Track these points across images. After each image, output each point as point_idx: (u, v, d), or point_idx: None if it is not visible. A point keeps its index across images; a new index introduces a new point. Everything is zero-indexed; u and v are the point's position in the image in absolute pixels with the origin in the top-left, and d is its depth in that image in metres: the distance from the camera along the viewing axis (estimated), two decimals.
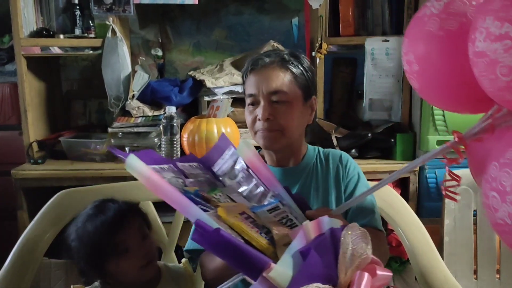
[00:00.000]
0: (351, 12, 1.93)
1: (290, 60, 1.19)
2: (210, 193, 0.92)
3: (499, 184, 0.73)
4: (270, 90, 1.16)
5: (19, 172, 1.74)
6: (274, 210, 0.93)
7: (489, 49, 0.69)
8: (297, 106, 1.19)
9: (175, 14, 2.20)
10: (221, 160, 0.96)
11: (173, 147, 1.74)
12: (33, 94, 1.92)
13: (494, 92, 0.73)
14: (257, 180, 0.99)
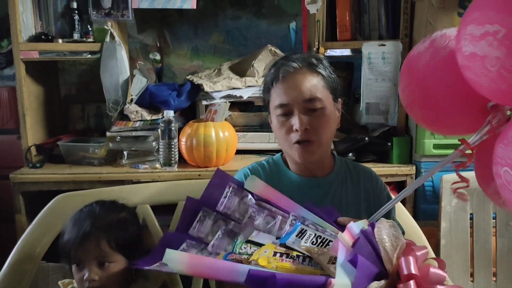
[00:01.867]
0: (348, 17, 1.94)
1: (317, 63, 1.13)
2: (236, 248, 0.98)
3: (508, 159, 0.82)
4: (305, 97, 1.10)
5: (18, 176, 1.74)
6: (301, 233, 0.98)
7: (476, 49, 0.80)
8: (331, 111, 1.14)
9: (173, 18, 2.21)
10: (223, 199, 1.07)
11: (171, 151, 1.75)
12: (32, 98, 1.92)
13: (489, 87, 0.82)
14: (272, 208, 1.05)
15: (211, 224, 1.07)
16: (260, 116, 1.96)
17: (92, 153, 1.85)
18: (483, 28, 0.79)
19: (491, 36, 0.78)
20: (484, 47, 0.79)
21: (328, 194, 1.19)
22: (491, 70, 0.80)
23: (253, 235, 1.01)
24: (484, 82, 0.83)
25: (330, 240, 0.97)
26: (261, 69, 1.97)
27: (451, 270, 1.70)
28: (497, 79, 0.80)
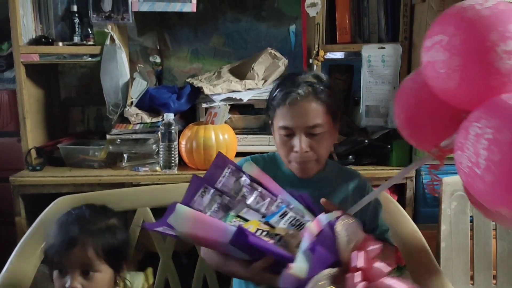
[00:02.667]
0: (347, 20, 1.95)
1: (320, 89, 1.21)
2: (227, 221, 1.12)
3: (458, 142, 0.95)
4: (309, 125, 1.19)
5: (18, 178, 1.74)
6: (284, 215, 1.13)
7: (428, 57, 0.98)
8: (330, 133, 1.24)
9: (173, 21, 2.21)
10: (222, 178, 1.22)
11: (171, 153, 1.75)
12: (32, 101, 1.92)
13: (443, 86, 0.98)
14: (263, 191, 1.19)
15: (210, 199, 1.19)
16: (260, 119, 1.97)
17: (92, 156, 1.85)
18: (432, 40, 0.96)
19: (437, 44, 0.95)
20: (433, 54, 0.96)
21: (316, 192, 1.25)
22: (440, 72, 0.96)
23: (244, 211, 1.15)
24: (438, 84, 0.99)
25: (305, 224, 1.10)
26: (261, 72, 1.97)
27: (451, 272, 1.70)
28: (447, 79, 0.95)
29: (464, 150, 0.94)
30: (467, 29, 0.93)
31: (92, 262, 1.07)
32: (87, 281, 1.06)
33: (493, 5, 0.95)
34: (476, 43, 0.92)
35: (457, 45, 0.93)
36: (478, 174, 0.91)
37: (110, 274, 1.11)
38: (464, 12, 0.94)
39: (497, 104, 0.93)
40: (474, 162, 0.91)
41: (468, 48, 0.92)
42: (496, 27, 0.91)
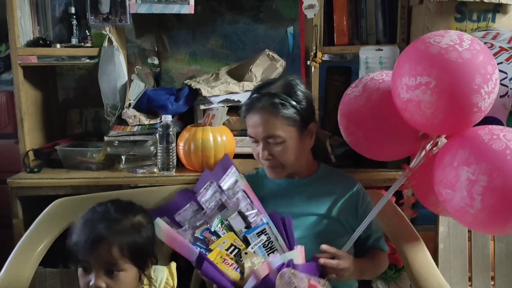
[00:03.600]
0: (345, 22, 1.94)
1: (279, 103, 1.28)
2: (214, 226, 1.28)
3: (446, 181, 1.07)
4: (264, 135, 1.30)
5: (15, 180, 1.73)
6: (261, 232, 1.25)
7: (412, 96, 1.07)
8: (293, 142, 1.32)
9: (171, 23, 2.21)
10: (226, 176, 1.43)
11: (169, 155, 1.75)
12: (30, 103, 1.92)
13: (424, 122, 1.09)
14: (251, 201, 1.32)
15: (211, 194, 1.39)
16: None
17: (90, 157, 1.85)
18: (416, 80, 1.05)
19: (424, 86, 1.04)
20: (419, 95, 1.05)
21: (302, 193, 1.39)
22: (426, 112, 1.06)
23: (232, 216, 1.29)
24: (419, 119, 1.10)
25: (276, 250, 1.23)
26: (259, 73, 1.97)
27: (449, 274, 1.71)
28: (431, 118, 1.07)
29: (455, 190, 1.05)
30: (455, 74, 1.01)
31: (116, 261, 1.06)
32: (111, 280, 1.06)
33: (470, 45, 1.04)
34: (464, 88, 1.02)
35: (445, 88, 1.02)
36: (471, 213, 1.03)
37: (134, 272, 1.11)
38: (447, 54, 1.02)
39: (483, 147, 1.04)
40: (468, 204, 1.02)
41: (456, 91, 1.02)
42: (480, 70, 1.02)
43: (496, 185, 0.99)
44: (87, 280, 1.06)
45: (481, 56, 1.05)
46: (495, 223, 1.05)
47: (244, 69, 2.01)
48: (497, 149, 1.02)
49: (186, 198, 1.44)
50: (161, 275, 1.21)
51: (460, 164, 1.05)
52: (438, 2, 1.69)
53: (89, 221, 1.10)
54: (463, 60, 1.02)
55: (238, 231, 1.29)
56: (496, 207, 1.00)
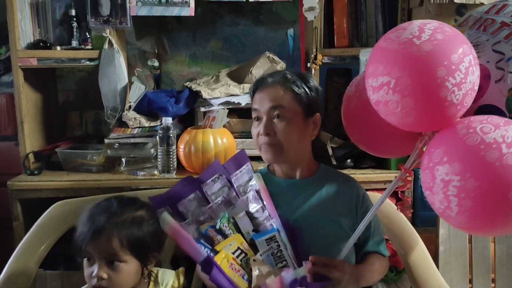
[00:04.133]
0: (345, 24, 1.96)
1: (292, 79, 1.28)
2: (220, 223, 1.24)
3: (426, 183, 1.00)
4: (270, 105, 1.26)
5: (16, 183, 1.74)
6: (271, 239, 1.20)
7: (378, 97, 1.01)
8: (297, 122, 1.27)
9: (172, 25, 2.22)
10: (239, 172, 1.35)
11: (169, 158, 1.75)
12: (30, 105, 1.93)
13: (400, 122, 1.03)
14: (264, 204, 1.27)
15: (219, 187, 1.33)
16: None
17: (90, 160, 1.85)
18: (378, 80, 0.99)
19: (385, 86, 0.98)
20: (383, 95, 0.99)
21: (302, 194, 1.34)
22: (396, 111, 1.00)
23: (240, 215, 1.26)
24: (394, 120, 1.03)
25: (285, 260, 1.20)
26: (259, 75, 1.97)
27: (449, 276, 1.71)
28: (404, 117, 1.00)
29: (433, 192, 0.98)
30: (413, 70, 0.94)
31: (117, 252, 1.08)
32: (112, 271, 1.08)
33: (431, 36, 0.95)
34: (426, 83, 0.94)
35: (406, 86, 0.95)
36: (451, 216, 0.96)
37: (136, 265, 1.12)
38: (406, 49, 0.95)
39: (456, 144, 0.96)
40: (446, 206, 0.95)
41: (418, 88, 0.94)
42: (442, 62, 0.93)
43: (470, 185, 0.91)
44: (90, 271, 1.09)
45: (443, 45, 0.95)
46: (479, 226, 0.97)
47: (244, 71, 2.02)
48: (470, 145, 0.93)
49: (190, 186, 1.35)
50: (168, 278, 1.21)
51: (435, 164, 0.97)
52: (438, 5, 1.72)
53: (92, 214, 1.13)
54: (421, 53, 0.94)
55: (245, 233, 1.25)
56: (473, 209, 0.92)
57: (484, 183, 0.90)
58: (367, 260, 1.35)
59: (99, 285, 1.07)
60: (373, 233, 1.36)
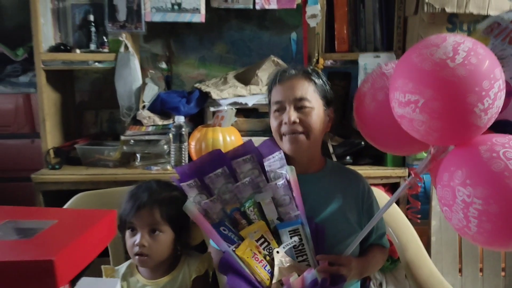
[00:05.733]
0: (345, 30, 2.08)
1: (312, 73, 1.33)
2: (245, 206, 1.26)
3: (445, 200, 1.02)
4: (296, 97, 1.29)
5: (39, 176, 1.86)
6: (294, 232, 1.24)
7: (404, 112, 1.02)
8: (319, 113, 1.32)
9: (182, 30, 2.34)
10: (271, 157, 1.32)
11: (181, 153, 1.88)
12: (50, 104, 2.04)
13: (422, 138, 1.05)
14: (292, 196, 1.27)
15: (249, 168, 1.32)
16: (263, 122, 2.09)
17: (107, 155, 1.98)
18: (406, 97, 0.99)
19: (413, 104, 0.98)
20: (410, 112, 0.99)
21: (313, 189, 1.35)
22: (419, 129, 1.01)
23: (266, 201, 1.26)
24: (415, 134, 1.04)
25: (306, 255, 1.23)
26: (264, 78, 2.10)
27: (441, 265, 1.83)
28: (426, 135, 1.01)
29: (452, 210, 1.00)
30: (445, 94, 0.94)
31: (157, 222, 1.24)
32: (152, 240, 1.23)
33: (464, 58, 0.94)
34: (455, 108, 0.94)
35: (436, 109, 0.95)
36: (469, 234, 0.99)
37: (171, 236, 1.27)
38: (439, 72, 0.94)
39: (480, 168, 0.96)
40: (465, 225, 0.97)
41: (447, 112, 0.95)
42: (473, 88, 0.93)
43: (492, 210, 0.93)
44: (133, 240, 1.24)
45: (475, 71, 0.94)
46: (495, 245, 1.01)
47: (250, 74, 2.14)
48: (495, 171, 0.93)
49: (219, 160, 1.33)
50: (194, 261, 1.33)
51: (456, 184, 0.98)
52: (431, 13, 1.82)
53: (135, 193, 1.29)
54: (454, 78, 0.93)
55: (269, 220, 1.26)
56: (492, 232, 0.95)
57: (506, 209, 0.92)
58: (370, 252, 1.40)
59: (140, 252, 1.22)
60: (376, 227, 1.39)
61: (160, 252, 1.25)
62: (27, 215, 0.92)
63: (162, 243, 1.25)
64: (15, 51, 2.35)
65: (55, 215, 0.92)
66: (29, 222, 0.86)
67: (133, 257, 1.26)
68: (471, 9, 1.78)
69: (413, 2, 1.90)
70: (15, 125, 2.41)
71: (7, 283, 0.68)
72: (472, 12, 1.78)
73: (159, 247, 1.25)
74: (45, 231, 0.80)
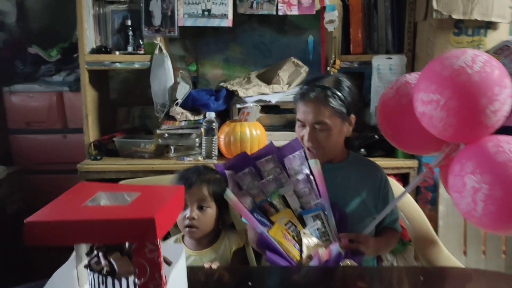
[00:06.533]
0: (360, 34, 2.25)
1: (331, 95, 1.46)
2: (271, 198, 1.44)
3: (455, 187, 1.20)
4: (314, 121, 1.46)
5: (84, 166, 2.06)
6: (316, 217, 1.42)
7: (425, 109, 1.20)
8: (335, 131, 1.48)
9: (209, 33, 2.50)
10: (291, 156, 1.51)
11: (211, 145, 2.07)
12: (90, 101, 2.23)
13: (438, 133, 1.23)
14: (312, 187, 1.44)
15: (272, 167, 1.51)
16: (284, 117, 2.27)
17: (143, 148, 2.17)
18: (429, 96, 1.18)
19: (435, 103, 1.16)
20: (431, 110, 1.18)
21: (337, 176, 1.52)
22: (438, 125, 1.18)
23: (289, 194, 1.45)
24: (434, 131, 1.23)
25: (328, 235, 1.41)
26: (285, 78, 2.28)
27: (447, 247, 1.98)
28: (443, 130, 1.19)
29: (462, 196, 1.17)
30: (462, 95, 1.13)
31: (205, 198, 1.44)
32: (201, 213, 1.43)
33: (481, 68, 1.13)
34: (470, 107, 1.13)
35: (454, 107, 1.14)
36: (476, 216, 1.17)
37: (216, 212, 1.47)
38: (458, 77, 1.14)
39: (488, 159, 1.14)
40: (473, 208, 1.14)
41: (463, 110, 1.14)
42: (485, 92, 1.12)
43: (497, 194, 1.09)
44: (183, 214, 1.43)
45: (488, 78, 1.12)
46: (499, 227, 1.17)
47: (272, 74, 2.32)
48: (500, 161, 1.11)
49: (245, 161, 1.53)
50: (233, 235, 1.53)
51: (467, 173, 1.15)
52: (439, 19, 1.99)
53: (184, 175, 1.49)
54: (471, 83, 1.12)
55: (293, 209, 1.44)
56: (496, 214, 1.10)
57: (508, 194, 1.09)
58: (385, 234, 1.58)
59: (191, 224, 1.42)
60: (391, 212, 1.56)
61: (207, 225, 1.45)
62: (112, 189, 1.10)
63: (209, 217, 1.45)
64: (48, 52, 2.53)
65: (135, 189, 1.10)
66: (117, 194, 1.05)
67: (183, 229, 1.45)
68: (475, 16, 1.95)
69: (423, 8, 2.07)
70: (48, 121, 2.55)
71: (119, 236, 0.87)
72: (476, 18, 1.95)
73: (206, 220, 1.44)
74: (136, 200, 0.98)
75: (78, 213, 0.91)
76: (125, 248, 0.97)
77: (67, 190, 1.05)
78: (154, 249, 0.89)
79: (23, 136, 2.56)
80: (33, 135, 2.56)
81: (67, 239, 0.91)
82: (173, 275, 0.99)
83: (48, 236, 0.87)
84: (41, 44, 2.56)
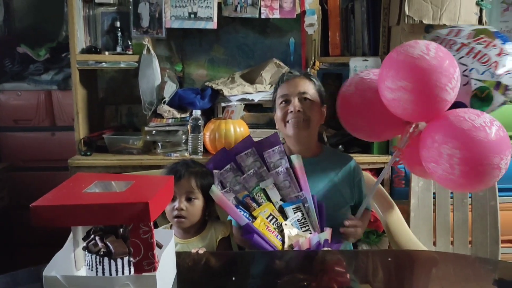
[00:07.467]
0: (338, 37, 2.37)
1: (311, 75, 1.66)
2: (253, 193, 1.52)
3: (431, 157, 1.37)
4: (300, 91, 1.61)
5: (74, 161, 2.14)
6: (297, 209, 1.50)
7: (394, 96, 1.37)
8: (317, 106, 1.64)
9: (194, 35, 2.59)
10: (271, 150, 1.59)
11: (197, 142, 2.17)
12: (80, 100, 2.30)
13: (408, 116, 1.43)
14: (292, 180, 1.53)
15: (252, 161, 1.59)
16: (267, 116, 2.37)
17: (131, 144, 2.25)
18: (397, 84, 1.35)
19: (403, 88, 1.34)
20: (399, 94, 1.35)
21: (315, 170, 1.62)
22: (407, 107, 1.37)
23: (270, 187, 1.53)
24: (401, 112, 1.42)
25: (308, 225, 1.49)
26: (268, 77, 2.39)
27: (418, 237, 2.09)
28: (412, 112, 1.38)
29: (439, 163, 1.34)
30: (425, 77, 1.32)
31: (193, 190, 1.52)
32: (189, 204, 1.52)
33: (435, 54, 1.33)
34: (434, 87, 1.31)
35: (421, 89, 1.31)
36: (453, 179, 1.34)
37: (203, 203, 1.55)
38: (418, 62, 1.32)
39: (454, 128, 1.31)
40: (450, 172, 1.32)
41: (428, 90, 1.32)
42: (444, 73, 1.32)
43: (467, 156, 1.28)
44: (172, 206, 1.51)
45: (445, 61, 1.32)
46: (471, 184, 1.35)
47: (255, 74, 2.43)
48: (465, 128, 1.30)
49: (226, 158, 1.60)
50: (219, 226, 1.62)
51: (440, 144, 1.31)
52: (411, 24, 2.12)
53: (173, 168, 1.57)
54: (431, 66, 1.30)
55: (274, 202, 1.51)
56: (469, 172, 1.28)
57: (476, 153, 1.28)
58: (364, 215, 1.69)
59: (179, 215, 1.50)
60: (364, 195, 1.71)
61: (195, 215, 1.54)
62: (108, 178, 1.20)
63: (197, 208, 1.54)
64: (37, 51, 2.59)
65: (129, 178, 1.20)
66: (113, 182, 1.15)
67: (172, 220, 1.54)
68: (444, 21, 2.08)
69: (396, 14, 2.19)
70: (36, 119, 2.61)
71: (116, 218, 0.98)
72: (445, 23, 2.07)
73: (194, 211, 1.53)
74: (131, 187, 1.09)
75: (79, 198, 1.01)
76: (120, 232, 1.07)
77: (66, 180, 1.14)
78: (147, 231, 0.99)
79: (12, 133, 2.61)
80: (21, 132, 2.61)
81: (71, 221, 1.01)
82: (164, 256, 1.09)
83: (53, 218, 0.97)
84: (29, 44, 2.62)
